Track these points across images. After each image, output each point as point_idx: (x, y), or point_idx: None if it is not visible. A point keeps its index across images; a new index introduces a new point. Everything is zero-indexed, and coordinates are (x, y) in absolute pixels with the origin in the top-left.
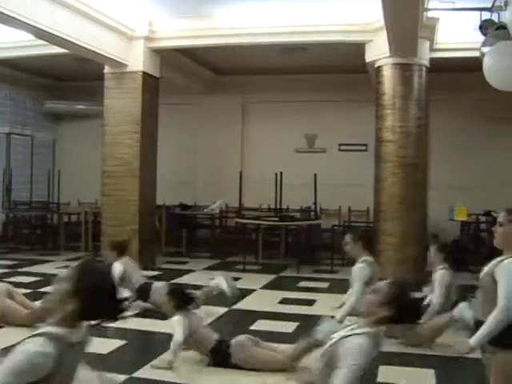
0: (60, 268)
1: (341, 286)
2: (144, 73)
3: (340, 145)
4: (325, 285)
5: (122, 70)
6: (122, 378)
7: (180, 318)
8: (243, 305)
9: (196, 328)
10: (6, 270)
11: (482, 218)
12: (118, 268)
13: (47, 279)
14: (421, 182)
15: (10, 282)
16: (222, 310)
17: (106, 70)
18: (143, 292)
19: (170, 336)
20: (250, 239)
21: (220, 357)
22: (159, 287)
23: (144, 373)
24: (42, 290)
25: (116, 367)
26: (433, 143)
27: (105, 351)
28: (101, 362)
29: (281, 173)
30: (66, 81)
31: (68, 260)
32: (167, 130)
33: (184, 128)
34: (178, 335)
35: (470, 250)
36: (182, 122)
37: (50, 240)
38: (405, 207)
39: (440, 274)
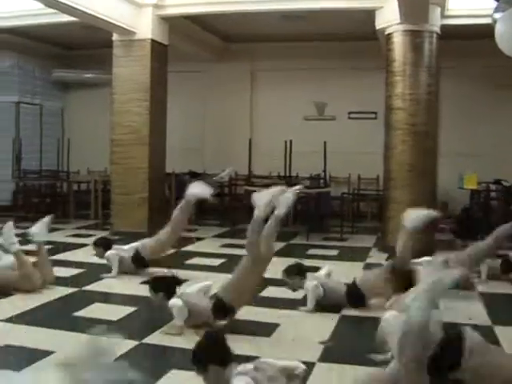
0: (70, 236)
1: (350, 254)
2: (153, 40)
3: (350, 113)
4: (334, 252)
5: (130, 37)
6: (132, 343)
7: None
8: None
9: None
10: (17, 239)
11: (492, 187)
12: None
13: (58, 247)
14: (431, 149)
15: (20, 250)
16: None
17: (115, 37)
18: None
19: None
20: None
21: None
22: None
23: (153, 339)
24: (53, 257)
25: (125, 333)
26: (443, 110)
27: (115, 318)
28: (111, 329)
29: (290, 141)
30: (74, 49)
31: (78, 228)
32: (176, 97)
33: (193, 96)
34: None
35: (480, 219)
36: (190, 90)
37: (59, 208)
38: (414, 175)
39: None
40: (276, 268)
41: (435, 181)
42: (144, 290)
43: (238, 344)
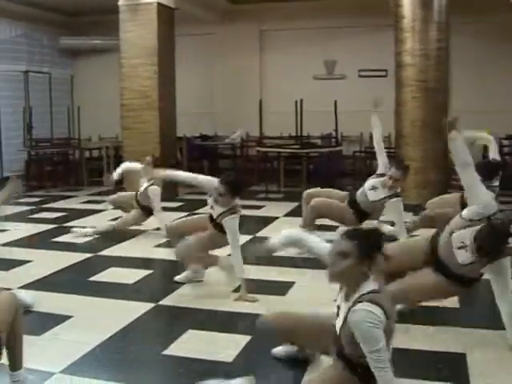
0: (83, 203)
1: None
2: (159, 4)
3: (360, 70)
4: None
5: (136, 1)
6: (149, 306)
7: None
8: (266, 231)
9: None
10: (31, 207)
11: (505, 142)
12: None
13: (72, 214)
14: (442, 105)
15: (36, 219)
16: (247, 237)
17: (121, 2)
18: None
19: None
20: (271, 168)
21: None
22: None
23: (169, 300)
24: (68, 224)
25: (142, 296)
26: (455, 67)
27: (131, 281)
28: (127, 292)
29: (301, 100)
30: (81, 16)
31: (91, 195)
32: (185, 61)
33: (202, 58)
34: None
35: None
36: (199, 53)
37: (72, 176)
38: (426, 131)
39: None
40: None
41: (447, 137)
42: (158, 253)
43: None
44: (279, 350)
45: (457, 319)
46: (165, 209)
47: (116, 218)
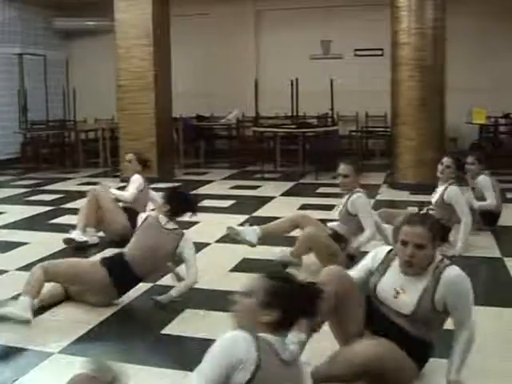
0: (80, 185)
1: None
2: None
3: (356, 50)
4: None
5: None
6: (147, 286)
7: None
8: (263, 211)
9: None
10: (28, 189)
11: (502, 121)
12: (139, 179)
13: (68, 196)
14: (438, 84)
15: (32, 201)
16: (243, 217)
17: None
18: None
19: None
20: (267, 148)
21: None
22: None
23: (168, 280)
24: (65, 206)
25: None
26: (452, 45)
27: None
28: None
29: (296, 79)
30: None
31: (88, 176)
32: (180, 41)
33: (197, 39)
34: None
35: (489, 154)
36: (194, 33)
37: (68, 158)
38: (422, 111)
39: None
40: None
41: (443, 116)
42: None
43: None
44: None
45: None
46: (161, 189)
47: None
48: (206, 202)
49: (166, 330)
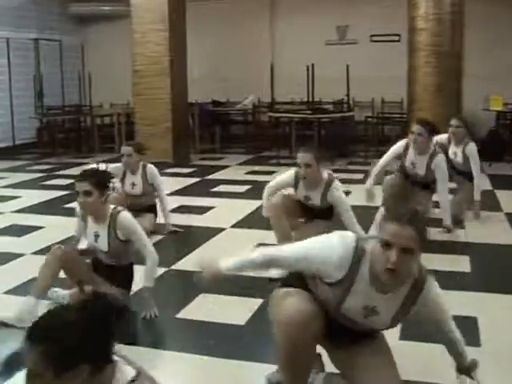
0: None
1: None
2: None
3: (372, 35)
4: (359, 176)
5: None
6: (161, 270)
7: None
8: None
9: None
10: (43, 174)
11: None
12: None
13: None
14: (455, 70)
15: (48, 185)
16: (258, 202)
17: None
18: None
19: (208, 229)
20: (283, 133)
21: None
22: None
23: (181, 265)
24: None
25: None
26: (470, 31)
27: None
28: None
29: (312, 65)
30: None
31: (103, 161)
32: (195, 27)
33: (212, 24)
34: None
35: (506, 141)
36: (209, 19)
37: (84, 143)
38: (439, 96)
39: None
40: None
41: (460, 102)
42: (171, 218)
43: None
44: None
45: (468, 283)
46: (177, 174)
47: None
48: (222, 187)
49: (182, 314)
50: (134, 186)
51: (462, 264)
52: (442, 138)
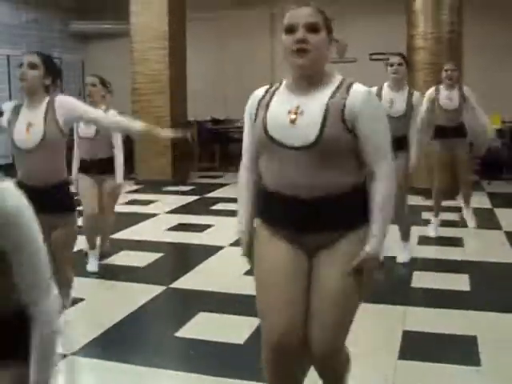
0: None
1: None
2: None
3: (371, 54)
4: None
5: None
6: (160, 288)
7: None
8: None
9: None
10: None
11: None
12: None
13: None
14: None
15: None
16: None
17: None
18: None
19: (206, 247)
20: None
21: None
22: None
23: (181, 283)
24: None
25: (153, 279)
26: (468, 50)
27: (142, 264)
28: (138, 275)
29: None
30: (91, 0)
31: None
32: (196, 45)
33: (212, 42)
34: None
35: (505, 159)
36: (210, 37)
37: None
38: None
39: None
40: None
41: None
42: (170, 236)
43: None
44: None
45: (468, 302)
46: (176, 192)
47: None
48: (221, 205)
49: (180, 333)
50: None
51: (461, 282)
52: (428, 92)
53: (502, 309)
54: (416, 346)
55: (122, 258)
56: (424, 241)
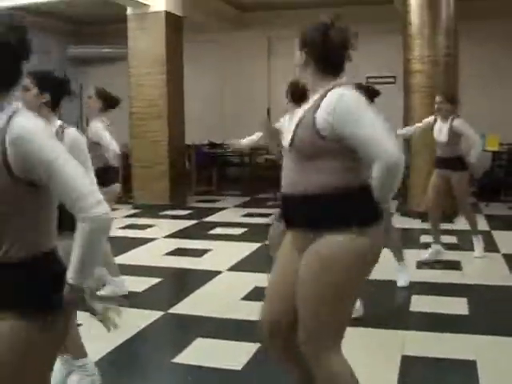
0: None
1: None
2: (167, 12)
3: (368, 77)
4: None
5: (144, 10)
6: (158, 314)
7: None
8: None
9: None
10: None
11: None
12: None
13: None
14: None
15: None
16: (255, 245)
17: (129, 11)
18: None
19: (204, 272)
20: (280, 175)
21: None
22: None
23: (179, 309)
24: None
25: (151, 304)
26: (463, 72)
27: (140, 289)
28: (136, 300)
29: None
30: (89, 25)
31: None
32: (193, 68)
33: (210, 66)
34: None
35: (502, 181)
36: (207, 61)
37: None
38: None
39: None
40: None
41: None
42: (168, 261)
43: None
44: None
45: (466, 326)
46: (174, 217)
47: None
48: (218, 230)
49: (178, 359)
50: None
51: (459, 306)
52: (427, 119)
53: (501, 332)
54: (415, 371)
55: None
56: (422, 264)
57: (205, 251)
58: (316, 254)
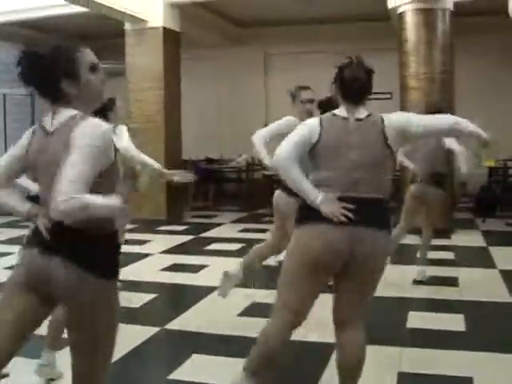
0: None
1: None
2: (164, 28)
3: None
4: None
5: (142, 26)
6: (154, 330)
7: None
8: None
9: None
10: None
11: (510, 164)
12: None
13: None
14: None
15: None
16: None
17: (127, 26)
18: None
19: (201, 288)
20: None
21: None
22: None
23: (175, 324)
24: None
25: (147, 320)
26: (459, 88)
27: (136, 305)
28: (132, 316)
29: None
30: (86, 40)
31: None
32: (190, 84)
33: (207, 82)
34: None
35: (499, 197)
36: (205, 76)
37: None
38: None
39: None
40: None
41: (452, 160)
42: (164, 277)
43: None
44: None
45: (463, 342)
46: (170, 232)
47: None
48: (215, 246)
49: (174, 376)
50: None
51: (456, 323)
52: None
53: (498, 349)
54: None
55: None
56: (419, 280)
57: (201, 267)
58: None
